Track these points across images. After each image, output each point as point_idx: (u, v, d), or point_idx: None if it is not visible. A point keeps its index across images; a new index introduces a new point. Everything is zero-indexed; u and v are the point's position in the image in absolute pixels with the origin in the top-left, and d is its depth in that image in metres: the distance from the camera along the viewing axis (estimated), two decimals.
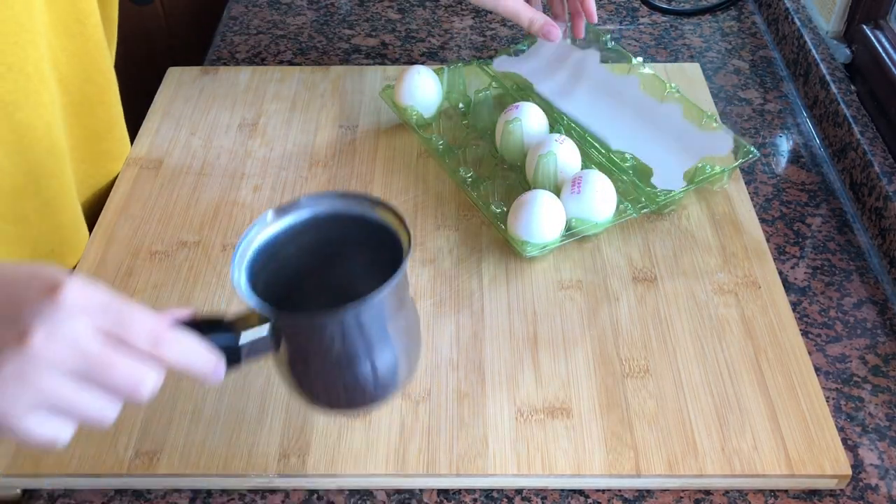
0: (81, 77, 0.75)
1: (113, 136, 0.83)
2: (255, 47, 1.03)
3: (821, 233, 0.80)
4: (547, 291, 0.72)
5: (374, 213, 0.54)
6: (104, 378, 0.43)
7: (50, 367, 0.42)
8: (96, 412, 0.44)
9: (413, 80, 0.84)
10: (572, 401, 0.64)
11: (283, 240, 0.54)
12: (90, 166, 0.80)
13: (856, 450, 0.63)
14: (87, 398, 0.43)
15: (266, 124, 0.89)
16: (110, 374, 0.43)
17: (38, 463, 0.60)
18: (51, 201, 0.72)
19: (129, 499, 0.60)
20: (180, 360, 0.45)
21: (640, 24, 1.07)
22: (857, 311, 0.73)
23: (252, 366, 0.66)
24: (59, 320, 0.42)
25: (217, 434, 0.62)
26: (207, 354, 0.47)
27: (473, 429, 0.62)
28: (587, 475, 0.60)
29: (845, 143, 0.85)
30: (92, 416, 0.44)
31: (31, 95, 0.66)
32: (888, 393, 0.67)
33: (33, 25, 0.65)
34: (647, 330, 0.68)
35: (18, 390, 0.42)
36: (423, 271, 0.73)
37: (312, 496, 0.61)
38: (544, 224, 0.71)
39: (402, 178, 0.82)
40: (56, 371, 0.42)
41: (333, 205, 0.55)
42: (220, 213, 0.79)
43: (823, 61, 0.91)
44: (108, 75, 0.80)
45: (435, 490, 0.61)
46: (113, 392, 0.44)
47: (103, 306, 0.43)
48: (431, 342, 0.68)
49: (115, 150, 0.83)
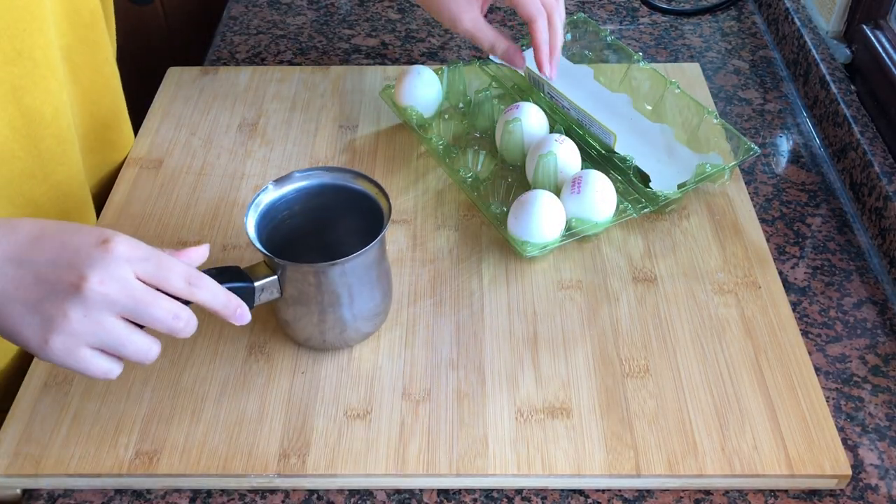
0: (91, 66, 0.76)
1: (118, 126, 0.84)
2: (255, 47, 1.03)
3: (821, 233, 0.80)
4: (547, 291, 0.71)
5: (356, 183, 0.66)
6: (149, 313, 0.51)
7: (105, 307, 0.50)
8: (142, 347, 0.52)
9: (413, 80, 0.84)
10: (572, 401, 0.64)
11: (279, 206, 0.65)
12: (97, 155, 0.81)
13: (856, 450, 0.63)
14: (135, 335, 0.52)
15: (266, 124, 0.89)
16: (154, 310, 0.51)
17: (38, 463, 0.60)
18: (59, 186, 0.73)
19: (129, 499, 0.60)
20: (210, 299, 0.54)
21: (640, 24, 1.07)
22: (857, 311, 0.73)
23: (252, 366, 0.66)
24: (110, 267, 0.50)
25: (217, 434, 0.62)
26: (232, 296, 0.56)
27: (473, 429, 0.62)
28: (587, 475, 0.60)
29: (845, 143, 0.85)
30: (138, 351, 0.52)
31: (38, 81, 0.67)
32: (888, 393, 0.67)
33: (42, 13, 0.66)
34: (647, 330, 0.68)
35: (81, 327, 0.50)
36: (423, 271, 0.73)
37: (312, 496, 0.61)
38: (544, 224, 0.71)
39: (402, 178, 0.82)
40: (109, 311, 0.50)
41: (321, 177, 0.67)
42: (220, 213, 0.79)
43: (823, 61, 0.91)
44: (113, 66, 0.81)
45: (435, 490, 0.61)
46: (156, 324, 0.52)
47: (146, 256, 0.51)
48: (431, 342, 0.68)
49: (120, 141, 0.84)
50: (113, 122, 0.83)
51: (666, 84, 0.85)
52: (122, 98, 0.84)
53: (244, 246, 0.76)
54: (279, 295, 0.62)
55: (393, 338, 0.68)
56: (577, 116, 0.81)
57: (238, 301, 0.56)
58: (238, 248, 0.76)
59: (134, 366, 0.66)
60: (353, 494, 0.61)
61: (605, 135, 0.79)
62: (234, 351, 0.67)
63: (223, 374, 0.66)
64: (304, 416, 0.63)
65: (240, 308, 0.56)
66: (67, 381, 0.65)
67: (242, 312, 0.56)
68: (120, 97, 0.83)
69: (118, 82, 0.83)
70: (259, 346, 0.68)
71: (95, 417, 0.63)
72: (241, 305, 0.56)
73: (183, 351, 0.67)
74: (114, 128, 0.83)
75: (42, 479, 0.60)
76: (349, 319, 0.64)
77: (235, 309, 0.56)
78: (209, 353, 0.67)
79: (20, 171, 0.69)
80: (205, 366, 0.66)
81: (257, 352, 0.67)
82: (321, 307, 0.63)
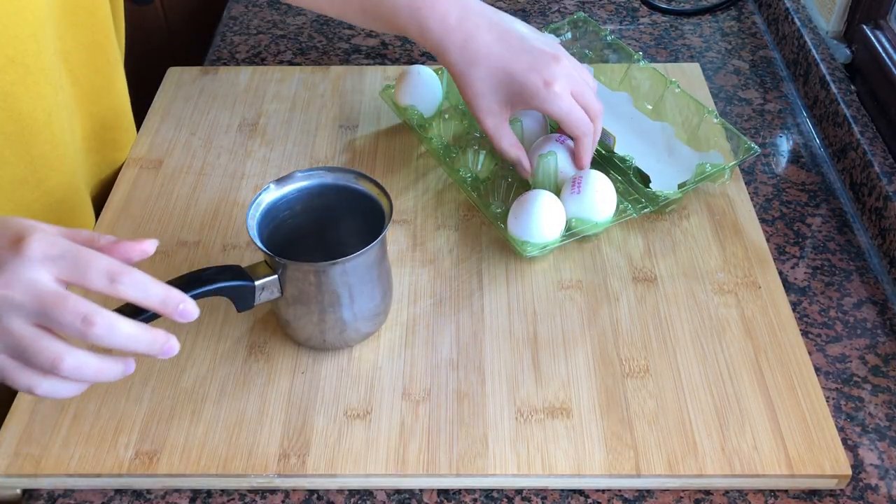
0: (90, 67, 0.76)
1: (121, 126, 0.84)
2: (255, 47, 1.03)
3: (821, 233, 0.80)
4: (547, 291, 0.72)
5: (357, 183, 0.66)
6: (54, 316, 0.46)
7: (11, 311, 0.46)
8: (47, 357, 0.47)
9: (413, 80, 0.84)
10: (572, 401, 0.64)
11: (280, 206, 0.65)
12: (97, 155, 0.81)
13: (856, 450, 0.63)
14: (42, 342, 0.47)
15: (266, 124, 0.89)
16: (59, 313, 0.46)
17: (38, 463, 0.60)
18: (53, 192, 0.72)
19: (129, 499, 0.60)
20: (140, 296, 0.49)
21: (640, 24, 1.07)
22: (857, 311, 0.73)
23: (252, 366, 0.66)
24: (18, 269, 0.46)
25: (217, 434, 0.62)
26: (173, 291, 0.50)
27: (473, 429, 0.62)
28: (587, 475, 0.60)
29: (845, 143, 0.85)
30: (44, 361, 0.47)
31: (31, 87, 0.67)
32: (888, 393, 0.67)
33: (34, 19, 0.66)
34: (647, 330, 0.68)
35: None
36: (423, 271, 0.73)
37: (312, 496, 0.61)
38: (544, 224, 0.71)
39: (402, 178, 0.82)
40: (17, 315, 0.46)
41: (322, 177, 0.66)
42: (219, 213, 0.79)
43: (823, 61, 0.91)
44: (117, 66, 0.81)
45: (435, 490, 0.61)
46: (64, 329, 0.47)
47: (62, 254, 0.47)
48: (431, 342, 0.68)
49: (122, 140, 0.84)
50: (115, 122, 0.82)
51: (666, 84, 0.85)
52: (127, 98, 0.84)
53: (244, 246, 0.76)
54: (279, 294, 0.62)
55: (393, 338, 0.68)
56: None
57: (180, 296, 0.51)
58: (238, 247, 0.76)
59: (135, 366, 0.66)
60: (353, 494, 0.61)
61: (605, 136, 0.79)
62: (234, 351, 0.67)
63: (223, 374, 0.66)
64: (304, 416, 0.63)
65: (182, 304, 0.50)
66: None
67: (186, 308, 0.51)
68: (124, 97, 0.83)
69: (122, 83, 0.82)
70: (259, 346, 0.68)
71: (95, 417, 0.63)
72: (185, 300, 0.51)
73: (183, 351, 0.67)
74: (116, 128, 0.83)
75: (42, 479, 0.60)
76: (349, 319, 0.64)
77: (177, 305, 0.50)
78: (209, 353, 0.67)
79: (12, 178, 0.69)
80: (205, 366, 0.66)
81: (257, 352, 0.67)
82: (321, 307, 0.63)
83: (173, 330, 0.52)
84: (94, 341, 0.47)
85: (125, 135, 0.85)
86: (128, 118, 0.85)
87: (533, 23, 1.06)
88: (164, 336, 0.50)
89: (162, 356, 0.51)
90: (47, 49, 0.68)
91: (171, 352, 0.51)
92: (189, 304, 0.51)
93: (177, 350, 0.51)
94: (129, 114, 0.85)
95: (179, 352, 0.66)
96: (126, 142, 0.85)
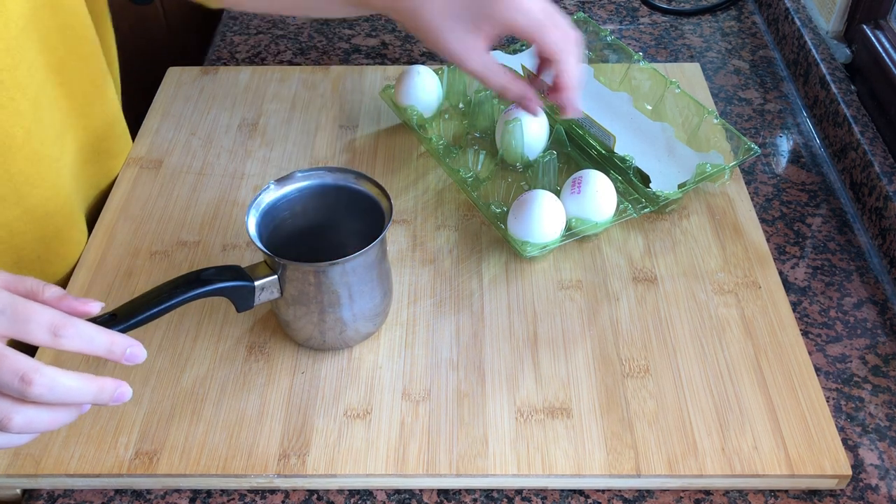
0: (84, 78, 0.75)
1: (114, 134, 0.83)
2: (255, 47, 1.03)
3: (821, 233, 0.80)
4: (547, 291, 0.71)
5: (358, 184, 0.66)
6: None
7: None
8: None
9: (413, 80, 0.84)
10: (572, 401, 0.64)
11: (280, 206, 0.65)
12: (93, 166, 0.80)
13: (856, 450, 0.63)
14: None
15: (266, 124, 0.89)
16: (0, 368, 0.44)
17: (38, 463, 0.60)
18: (34, 209, 0.70)
19: (128, 499, 0.60)
20: (85, 347, 0.47)
21: (640, 24, 1.07)
22: (857, 311, 0.73)
23: (252, 366, 0.66)
24: None
25: (217, 434, 0.62)
26: (119, 337, 0.49)
27: (473, 429, 0.62)
28: (587, 475, 0.60)
29: (845, 143, 0.85)
30: None
31: (6, 104, 0.64)
32: (888, 393, 0.67)
33: (7, 31, 0.63)
34: (647, 330, 0.68)
35: None
36: (423, 271, 0.73)
37: (312, 496, 0.61)
38: (544, 224, 0.71)
39: (402, 178, 0.82)
40: None
41: (323, 177, 0.66)
42: (219, 213, 0.79)
43: (823, 61, 0.91)
44: (106, 74, 0.79)
45: (435, 490, 0.61)
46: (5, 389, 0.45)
47: (2, 308, 0.46)
48: (431, 342, 0.68)
49: (115, 148, 0.83)
50: (109, 131, 0.81)
51: (666, 84, 0.85)
52: (119, 106, 0.83)
53: (244, 246, 0.76)
54: (279, 295, 0.62)
55: (393, 338, 0.68)
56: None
57: (127, 341, 0.49)
58: (238, 247, 0.76)
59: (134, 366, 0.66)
60: (353, 494, 0.61)
61: (605, 136, 0.79)
62: (234, 351, 0.67)
63: (223, 374, 0.66)
64: (304, 416, 0.63)
65: (130, 348, 0.49)
66: None
67: (133, 353, 0.49)
68: (116, 106, 0.82)
69: (113, 92, 0.81)
70: (259, 346, 0.68)
71: (95, 417, 0.63)
72: (133, 345, 0.49)
73: (183, 351, 0.67)
74: (110, 137, 0.82)
75: (42, 479, 0.60)
76: (349, 319, 0.64)
77: (124, 350, 0.49)
78: (209, 353, 0.67)
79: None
80: (205, 366, 0.66)
81: (257, 352, 0.67)
82: (321, 307, 0.63)
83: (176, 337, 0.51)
84: (36, 399, 0.46)
85: (119, 143, 0.84)
86: (121, 125, 0.84)
87: None
88: (112, 384, 0.49)
89: (113, 403, 0.49)
90: (23, 63, 0.65)
91: (123, 398, 0.49)
92: (136, 349, 0.50)
93: (129, 396, 0.50)
94: (123, 121, 0.84)
95: (179, 352, 0.67)
96: (120, 149, 0.84)
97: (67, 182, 0.75)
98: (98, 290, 0.72)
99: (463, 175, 0.79)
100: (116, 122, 0.83)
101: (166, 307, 0.56)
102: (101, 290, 0.72)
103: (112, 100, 0.81)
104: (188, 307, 0.68)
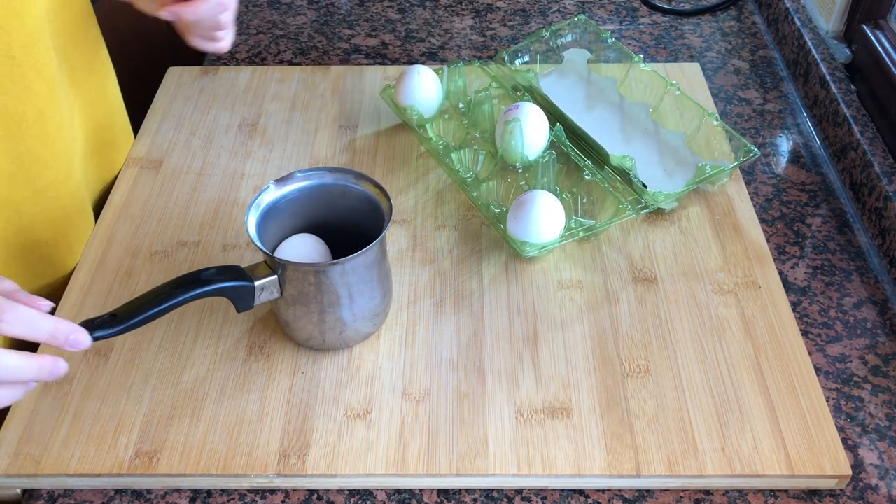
0: (86, 66, 0.76)
1: (117, 125, 0.83)
2: (255, 47, 1.03)
3: (821, 233, 0.80)
4: (547, 291, 0.71)
5: (357, 184, 0.66)
6: None
7: None
8: None
9: (413, 80, 0.84)
10: (572, 401, 0.64)
11: (280, 206, 0.66)
12: (99, 157, 0.81)
13: (856, 450, 0.63)
14: None
15: (266, 124, 0.89)
16: None
17: (38, 463, 0.60)
18: (45, 191, 0.70)
19: (128, 499, 0.60)
20: (26, 332, 0.48)
21: (640, 24, 1.07)
22: (857, 311, 0.73)
23: (252, 366, 0.66)
24: None
25: (217, 434, 0.62)
26: (62, 323, 0.50)
27: (473, 429, 0.62)
28: (587, 475, 0.60)
29: (845, 143, 0.85)
30: None
31: (18, 80, 0.65)
32: (888, 393, 0.67)
33: (26, 9, 0.64)
34: (647, 330, 0.68)
35: None
36: (423, 271, 0.73)
37: (312, 496, 0.61)
38: (543, 224, 0.71)
39: (402, 178, 0.82)
40: None
41: (322, 177, 0.67)
42: (220, 213, 0.79)
43: (823, 61, 0.91)
44: (107, 65, 0.80)
45: (435, 490, 0.61)
46: None
47: None
48: (431, 342, 0.68)
49: (119, 140, 0.84)
50: (112, 122, 0.82)
51: (666, 86, 0.85)
52: (120, 98, 0.84)
53: (244, 246, 0.76)
54: (279, 295, 0.62)
55: (393, 338, 0.68)
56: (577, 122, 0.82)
57: (70, 328, 0.50)
58: (238, 247, 0.76)
59: (134, 365, 0.66)
60: (353, 494, 0.61)
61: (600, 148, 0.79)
62: (234, 351, 0.67)
63: (223, 374, 0.66)
64: (304, 416, 0.63)
65: (73, 334, 0.50)
66: (67, 380, 0.65)
67: (77, 338, 0.51)
68: (117, 97, 0.83)
69: (114, 82, 0.82)
70: (259, 346, 0.68)
71: (95, 417, 0.63)
72: (76, 331, 0.51)
73: (183, 351, 0.67)
74: (113, 128, 0.83)
75: (42, 479, 0.60)
76: (349, 319, 0.64)
77: (67, 336, 0.50)
78: (209, 353, 0.67)
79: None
80: (205, 366, 0.66)
81: (257, 352, 0.67)
82: (321, 307, 0.63)
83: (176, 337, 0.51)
84: None
85: (121, 135, 0.84)
86: (123, 118, 0.85)
87: (533, 23, 1.07)
88: (50, 361, 0.50)
89: (50, 379, 0.50)
90: (40, 44, 0.67)
91: (59, 372, 0.51)
92: (80, 334, 0.51)
93: (65, 370, 0.51)
94: (125, 114, 0.85)
95: (179, 352, 0.67)
96: (122, 142, 0.85)
97: (78, 168, 0.75)
98: (98, 290, 0.72)
99: (463, 175, 0.79)
100: (119, 114, 0.84)
101: (166, 307, 0.56)
102: (101, 290, 0.72)
103: (114, 90, 0.82)
104: (188, 307, 0.68)
